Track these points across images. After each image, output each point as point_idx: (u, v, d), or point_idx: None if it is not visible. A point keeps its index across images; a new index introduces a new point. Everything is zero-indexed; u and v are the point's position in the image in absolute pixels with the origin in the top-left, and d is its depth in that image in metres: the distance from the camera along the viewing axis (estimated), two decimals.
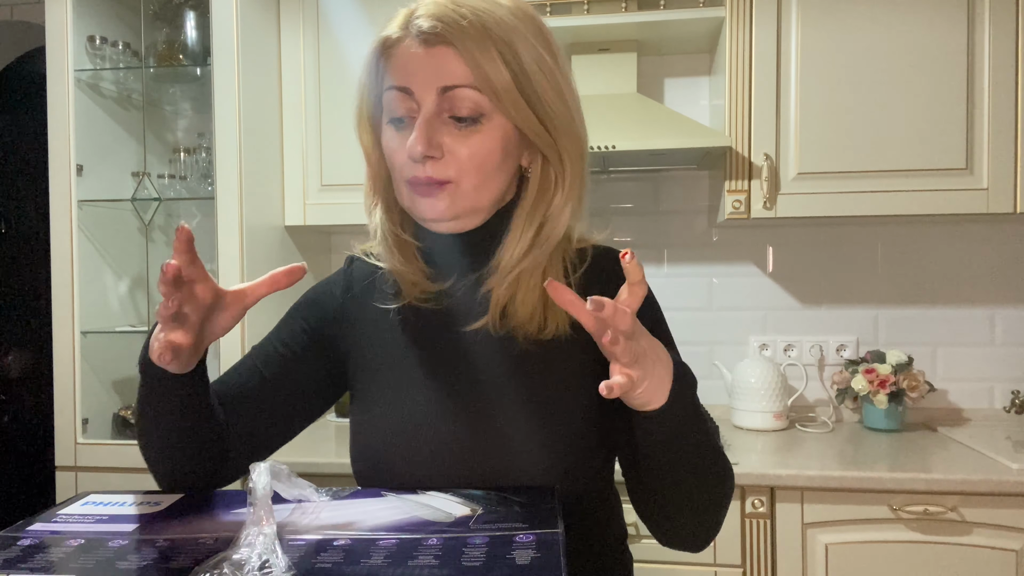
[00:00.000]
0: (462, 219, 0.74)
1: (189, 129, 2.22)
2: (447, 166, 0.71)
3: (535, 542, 0.60)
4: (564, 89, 0.74)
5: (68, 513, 0.70)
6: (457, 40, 0.68)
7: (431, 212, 0.72)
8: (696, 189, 2.14)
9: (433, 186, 0.71)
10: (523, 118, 0.71)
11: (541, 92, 0.72)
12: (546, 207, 0.75)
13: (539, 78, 0.71)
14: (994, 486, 1.48)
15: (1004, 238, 2.03)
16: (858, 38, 1.76)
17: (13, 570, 0.56)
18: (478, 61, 0.68)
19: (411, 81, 0.70)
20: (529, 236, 0.74)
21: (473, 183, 0.72)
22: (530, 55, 0.71)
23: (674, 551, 1.60)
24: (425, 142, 0.69)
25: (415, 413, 0.77)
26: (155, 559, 0.57)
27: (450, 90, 0.69)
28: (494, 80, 0.69)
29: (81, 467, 1.82)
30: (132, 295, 2.05)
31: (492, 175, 0.73)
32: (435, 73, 0.69)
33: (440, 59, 0.69)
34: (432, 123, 0.70)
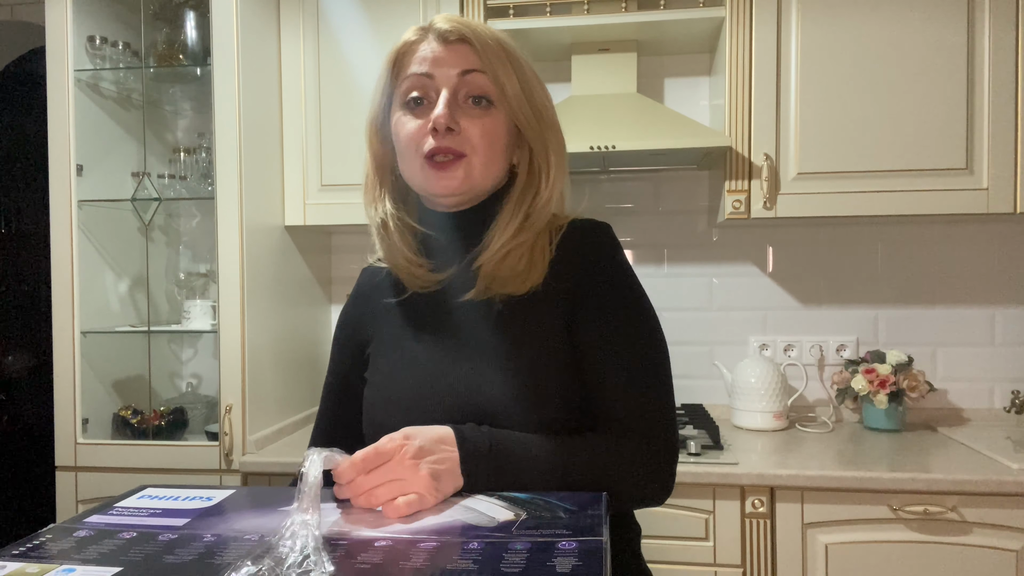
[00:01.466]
0: (464, 196, 0.85)
1: (189, 129, 2.23)
2: (463, 141, 0.81)
3: (577, 550, 0.59)
4: (548, 99, 0.88)
5: (124, 506, 0.72)
6: (473, 39, 0.81)
7: (445, 186, 0.82)
8: (696, 189, 2.14)
9: (450, 159, 0.81)
10: (522, 111, 0.84)
11: (535, 93, 0.85)
12: (533, 194, 0.86)
13: (533, 83, 0.85)
14: (994, 486, 1.48)
15: (1004, 238, 2.03)
16: (858, 38, 1.76)
17: (67, 560, 0.58)
18: (490, 58, 0.81)
19: (432, 67, 0.82)
20: (518, 220, 0.84)
21: (483, 160, 0.82)
22: (524, 66, 0.85)
23: (674, 550, 1.61)
24: (447, 114, 0.80)
25: (408, 376, 0.85)
26: (200, 554, 0.59)
27: (469, 73, 0.81)
28: (502, 76, 0.82)
29: (81, 467, 1.82)
30: (132, 295, 2.05)
31: (497, 156, 0.84)
32: (456, 61, 0.81)
33: (460, 51, 0.82)
34: (453, 101, 0.81)
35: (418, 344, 0.86)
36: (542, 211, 0.85)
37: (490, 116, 0.82)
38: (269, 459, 1.73)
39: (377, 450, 0.68)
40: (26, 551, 0.60)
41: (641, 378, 0.80)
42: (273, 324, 1.92)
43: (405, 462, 0.68)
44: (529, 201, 0.85)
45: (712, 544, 1.58)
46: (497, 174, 0.86)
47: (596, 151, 1.72)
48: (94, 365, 1.89)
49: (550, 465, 0.74)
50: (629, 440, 0.78)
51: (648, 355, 0.82)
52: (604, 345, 0.81)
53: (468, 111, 0.82)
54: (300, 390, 2.07)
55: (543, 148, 0.86)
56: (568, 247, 0.85)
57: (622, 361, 0.80)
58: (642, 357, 0.81)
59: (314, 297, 2.19)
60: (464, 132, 0.81)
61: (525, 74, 0.84)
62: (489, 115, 0.82)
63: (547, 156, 0.86)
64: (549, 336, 0.82)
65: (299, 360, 2.07)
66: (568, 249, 0.85)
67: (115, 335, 1.96)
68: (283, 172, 1.98)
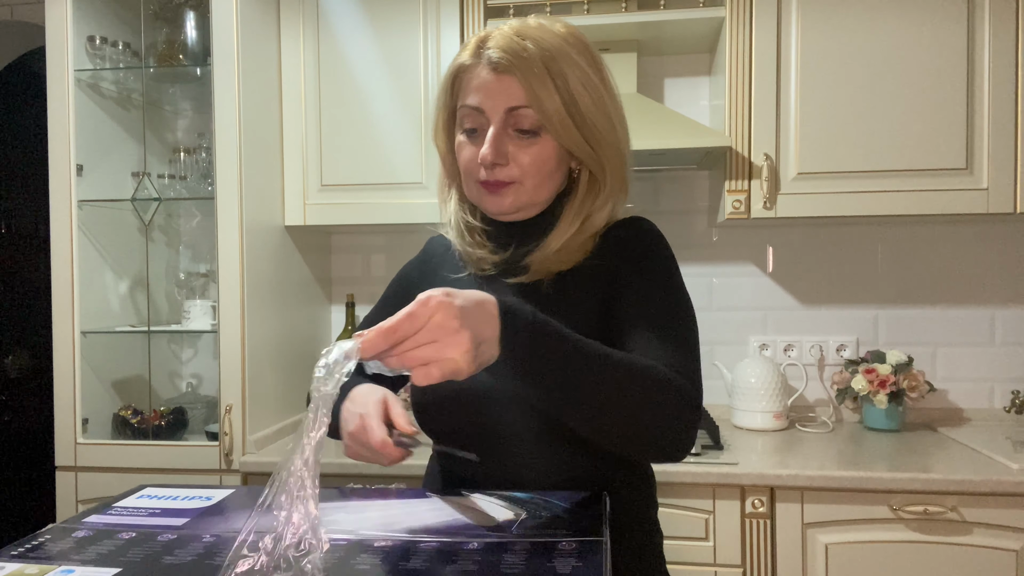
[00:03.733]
0: (521, 212, 0.91)
1: (189, 129, 2.22)
2: (511, 170, 0.87)
3: (577, 550, 0.59)
4: (608, 104, 0.89)
5: (123, 506, 0.72)
6: (519, 71, 0.84)
7: (496, 207, 0.90)
8: (696, 189, 2.14)
9: (499, 186, 0.88)
10: (569, 138, 0.87)
11: (586, 112, 0.86)
12: (590, 205, 0.91)
13: (585, 100, 0.86)
14: (994, 486, 1.48)
15: (1004, 238, 2.03)
16: (858, 38, 1.76)
17: (66, 561, 0.58)
18: (535, 90, 0.84)
19: (483, 102, 0.86)
20: (574, 228, 0.90)
21: (534, 183, 0.88)
22: (577, 78, 0.86)
23: (674, 550, 1.61)
24: (494, 151, 0.86)
25: None
26: (199, 555, 0.58)
27: (515, 110, 0.85)
28: (548, 107, 0.84)
29: (81, 467, 1.82)
30: (132, 295, 2.05)
31: (549, 176, 0.89)
32: (503, 96, 0.85)
33: (507, 85, 0.85)
34: (500, 136, 0.86)
35: None
36: (598, 216, 0.91)
37: (537, 144, 0.87)
38: (269, 459, 1.73)
39: (411, 315, 0.60)
40: (25, 552, 0.60)
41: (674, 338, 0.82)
42: (273, 324, 1.92)
43: (447, 322, 0.60)
44: (587, 209, 0.91)
45: (712, 544, 1.58)
46: (551, 191, 0.91)
47: None
48: (94, 365, 1.89)
49: (593, 354, 0.70)
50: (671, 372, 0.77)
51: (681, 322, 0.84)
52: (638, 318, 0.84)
53: (516, 141, 0.87)
54: (300, 390, 2.07)
55: (598, 167, 0.90)
56: (612, 237, 0.91)
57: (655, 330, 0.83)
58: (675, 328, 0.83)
59: (314, 297, 2.19)
60: (513, 161, 0.87)
61: (573, 96, 0.85)
62: (536, 143, 0.87)
63: (602, 170, 0.90)
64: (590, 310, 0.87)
65: (299, 360, 2.07)
66: (613, 239, 0.91)
67: (115, 335, 1.96)
68: (283, 172, 1.98)
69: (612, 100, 0.90)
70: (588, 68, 0.87)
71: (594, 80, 0.88)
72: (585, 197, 0.91)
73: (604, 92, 0.89)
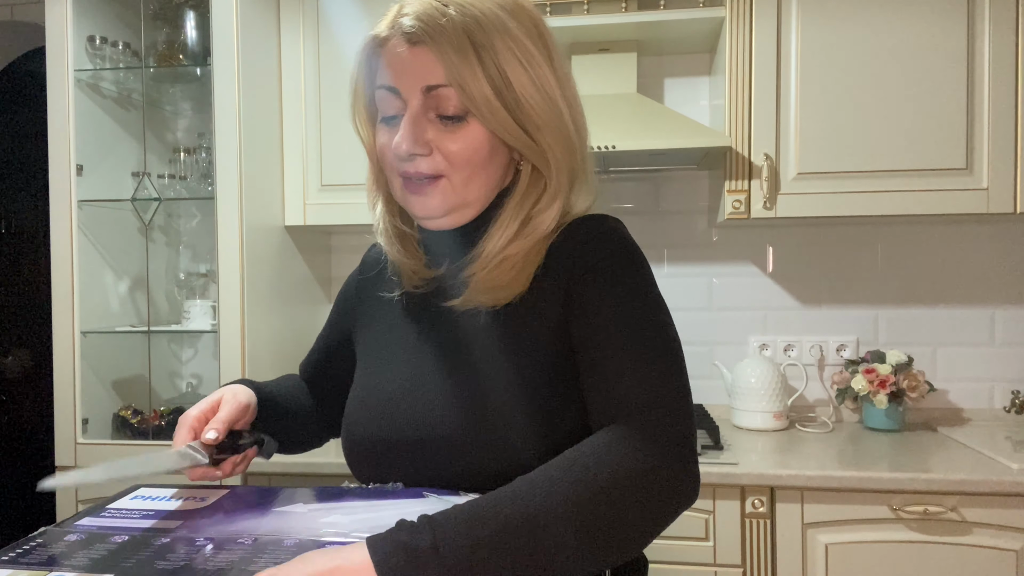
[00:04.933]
0: (453, 214, 0.76)
1: (189, 129, 2.22)
2: (436, 161, 0.73)
3: None
4: (552, 86, 0.74)
5: (117, 507, 0.71)
6: (434, 42, 0.70)
7: (423, 210, 0.75)
8: (696, 189, 2.14)
9: (424, 182, 0.74)
10: (500, 123, 0.72)
11: (522, 95, 0.72)
12: (533, 203, 0.76)
13: (521, 79, 0.71)
14: (994, 486, 1.48)
15: (1004, 238, 2.03)
16: (858, 38, 1.75)
17: (56, 567, 0.57)
18: (455, 65, 0.69)
19: (397, 81, 0.72)
20: (514, 228, 0.75)
21: (463, 177, 0.74)
22: (513, 54, 0.71)
23: (674, 550, 1.61)
24: (411, 140, 0.71)
25: (383, 383, 0.80)
26: (193, 558, 0.58)
27: (434, 89, 0.71)
28: (471, 86, 0.70)
29: (81, 467, 1.82)
30: (132, 295, 2.05)
31: (481, 168, 0.74)
32: (419, 73, 0.71)
33: (422, 59, 0.71)
34: (418, 121, 0.72)
35: (398, 348, 0.81)
36: (543, 216, 0.75)
37: (464, 130, 0.72)
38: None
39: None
40: (16, 556, 0.59)
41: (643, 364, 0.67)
42: (273, 324, 1.92)
43: None
44: (528, 208, 0.76)
45: (712, 544, 1.58)
46: (486, 187, 0.76)
47: (596, 151, 1.72)
48: (94, 365, 1.89)
49: (534, 518, 0.57)
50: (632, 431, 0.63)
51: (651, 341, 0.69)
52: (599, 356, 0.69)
53: (439, 126, 0.72)
54: None
55: (539, 158, 0.75)
56: (562, 246, 0.75)
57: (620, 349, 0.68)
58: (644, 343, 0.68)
59: (314, 297, 2.19)
60: (436, 150, 0.73)
61: (506, 75, 0.71)
62: (463, 129, 0.72)
63: (546, 164, 0.75)
64: (535, 348, 0.72)
65: (299, 360, 2.06)
66: (562, 247, 0.75)
67: (115, 335, 1.96)
68: (283, 172, 1.98)
69: (560, 80, 0.75)
70: (527, 40, 0.72)
71: (535, 54, 0.72)
72: (526, 193, 0.76)
73: (548, 69, 0.74)
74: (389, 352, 0.82)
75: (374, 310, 0.88)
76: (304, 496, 0.72)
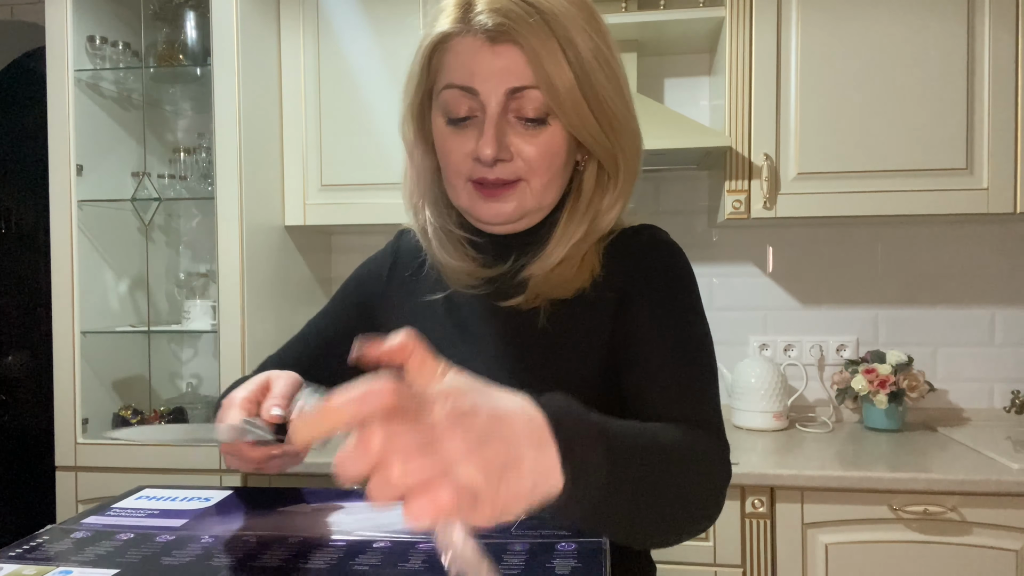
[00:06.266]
0: (524, 219, 0.75)
1: (189, 129, 2.22)
2: (516, 166, 0.70)
3: (577, 551, 0.59)
4: (624, 83, 0.73)
5: (122, 507, 0.71)
6: (523, 39, 0.66)
7: (496, 216, 0.72)
8: (696, 189, 2.14)
9: (501, 187, 0.71)
10: (583, 124, 0.70)
11: (600, 91, 0.70)
12: (597, 206, 0.75)
13: (598, 75, 0.69)
14: (994, 486, 1.48)
15: (1004, 238, 2.03)
16: (858, 38, 1.76)
17: (64, 562, 0.58)
18: (544, 64, 0.66)
19: (476, 81, 0.68)
20: (580, 233, 0.74)
21: (543, 181, 0.71)
22: (589, 48, 0.69)
23: (674, 550, 1.61)
24: (495, 145, 0.68)
25: None
26: (197, 556, 0.58)
27: (519, 91, 0.68)
28: (558, 84, 0.67)
29: (81, 467, 1.82)
30: (132, 295, 2.05)
31: (559, 172, 0.73)
32: (502, 73, 0.67)
33: (507, 58, 0.67)
34: (501, 125, 0.69)
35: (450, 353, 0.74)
36: (605, 218, 0.75)
37: (544, 133, 0.69)
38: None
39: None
40: (23, 552, 0.60)
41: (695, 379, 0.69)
42: (273, 324, 1.92)
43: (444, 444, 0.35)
44: (596, 209, 0.75)
45: (712, 544, 1.58)
46: (559, 189, 0.75)
47: None
48: (94, 365, 1.89)
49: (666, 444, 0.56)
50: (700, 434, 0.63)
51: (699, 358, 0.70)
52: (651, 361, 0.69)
53: (519, 129, 0.70)
54: None
55: (610, 158, 0.74)
56: (619, 251, 0.76)
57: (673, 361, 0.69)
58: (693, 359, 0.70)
59: (314, 297, 2.19)
60: (517, 154, 0.70)
61: (587, 70, 0.68)
62: (543, 132, 0.69)
63: (615, 163, 0.74)
64: (593, 348, 0.72)
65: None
66: (620, 253, 0.76)
67: (115, 335, 1.96)
68: (283, 172, 1.98)
69: (625, 78, 0.74)
70: (598, 39, 0.70)
71: (605, 53, 0.71)
72: (592, 196, 0.75)
73: (617, 68, 0.72)
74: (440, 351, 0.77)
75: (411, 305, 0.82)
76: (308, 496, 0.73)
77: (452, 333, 0.79)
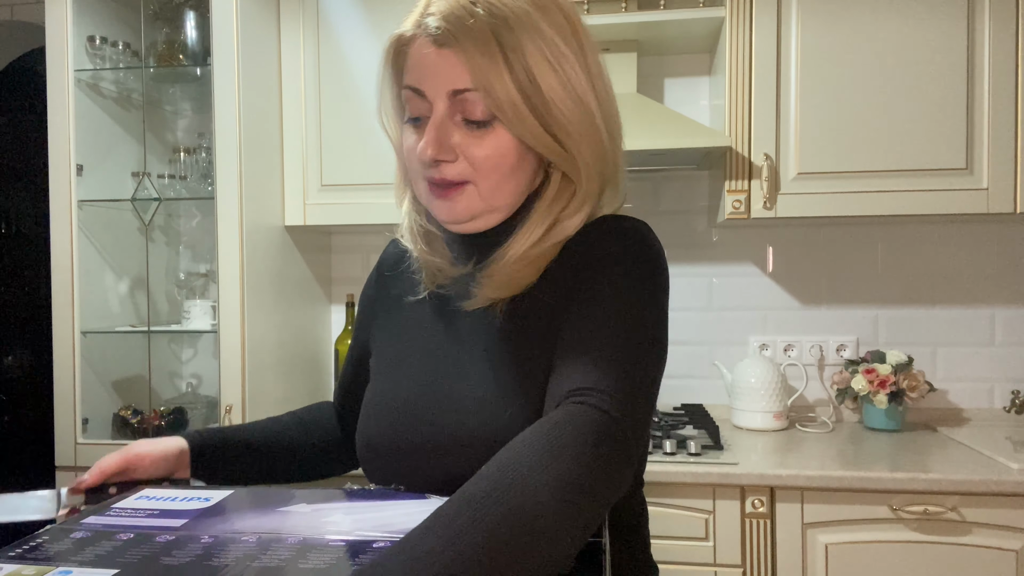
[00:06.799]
0: (479, 219, 0.75)
1: (189, 129, 2.22)
2: (462, 167, 0.71)
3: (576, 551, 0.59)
4: (584, 88, 0.72)
5: (122, 507, 0.71)
6: (461, 44, 0.67)
7: (448, 215, 0.73)
8: (696, 189, 2.14)
9: (450, 188, 0.72)
10: (528, 130, 0.69)
11: (551, 98, 0.69)
12: (560, 209, 0.74)
13: (549, 82, 0.69)
14: (994, 486, 1.48)
15: (1004, 238, 2.03)
16: (858, 38, 1.76)
17: (64, 562, 0.58)
18: (482, 69, 0.67)
19: (423, 83, 0.70)
20: (539, 233, 0.73)
21: (490, 184, 0.71)
22: (543, 55, 0.68)
23: (674, 550, 1.61)
24: (436, 146, 0.69)
25: (398, 386, 0.79)
26: (197, 556, 0.58)
27: (460, 93, 0.69)
28: (497, 91, 0.67)
29: (81, 467, 1.82)
30: (132, 295, 2.05)
31: (509, 174, 0.72)
32: (444, 76, 0.69)
33: (449, 61, 0.68)
34: (444, 126, 0.70)
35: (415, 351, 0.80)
36: (568, 222, 0.74)
37: (491, 135, 0.70)
38: None
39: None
40: (23, 552, 0.60)
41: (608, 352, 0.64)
42: (273, 324, 1.92)
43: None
44: (556, 213, 0.74)
45: (712, 544, 1.58)
46: (513, 193, 0.74)
47: None
48: (94, 365, 1.89)
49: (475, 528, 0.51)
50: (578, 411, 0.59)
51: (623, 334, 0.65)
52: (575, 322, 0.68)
53: (465, 131, 0.70)
54: (300, 390, 2.07)
55: (566, 161, 0.72)
56: (578, 240, 0.74)
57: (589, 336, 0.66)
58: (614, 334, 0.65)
59: (314, 297, 2.19)
60: (463, 156, 0.70)
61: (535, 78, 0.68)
62: (489, 134, 0.70)
63: (574, 168, 0.73)
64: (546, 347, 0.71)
65: (299, 360, 2.07)
66: (578, 242, 0.74)
67: (115, 335, 1.96)
68: (283, 172, 1.98)
69: (593, 79, 0.73)
70: (559, 38, 0.70)
71: (566, 54, 0.70)
72: (555, 199, 0.74)
73: (580, 69, 0.71)
74: (405, 355, 0.81)
75: (392, 311, 0.86)
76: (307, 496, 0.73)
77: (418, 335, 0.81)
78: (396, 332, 0.84)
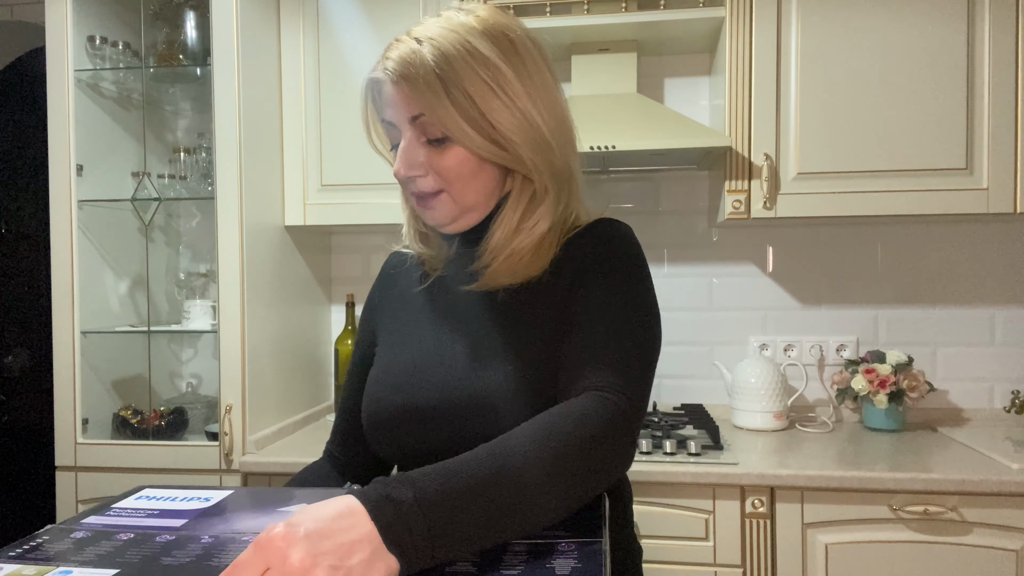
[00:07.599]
0: (460, 220, 0.87)
1: (189, 129, 2.22)
2: (431, 180, 0.83)
3: (576, 551, 0.59)
4: (524, 102, 0.81)
5: (122, 507, 0.71)
6: (409, 81, 0.79)
7: (433, 220, 0.87)
8: (696, 189, 2.14)
9: (428, 198, 0.84)
10: (475, 144, 0.80)
11: (492, 117, 0.79)
12: (527, 203, 0.85)
13: (491, 103, 0.79)
14: (994, 486, 1.48)
15: (1004, 238, 2.03)
16: (858, 38, 1.76)
17: (64, 562, 0.58)
18: (427, 99, 0.78)
19: (389, 114, 0.83)
20: (512, 224, 0.84)
21: (458, 189, 0.83)
22: (481, 79, 0.79)
23: (674, 550, 1.61)
24: (407, 166, 0.82)
25: (404, 354, 0.88)
26: (197, 556, 0.58)
27: (417, 118, 0.80)
28: (442, 116, 0.79)
29: (81, 467, 1.82)
30: (132, 295, 2.05)
31: (472, 178, 0.83)
32: (402, 107, 0.81)
33: (403, 95, 0.81)
34: (411, 148, 0.82)
35: (420, 326, 0.90)
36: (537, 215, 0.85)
37: (450, 150, 0.81)
38: (269, 459, 1.73)
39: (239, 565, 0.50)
40: (23, 552, 0.60)
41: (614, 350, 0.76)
42: (273, 324, 1.92)
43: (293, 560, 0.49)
44: (523, 207, 0.85)
45: (712, 544, 1.58)
46: (483, 192, 0.85)
47: (596, 151, 1.72)
48: (94, 365, 1.89)
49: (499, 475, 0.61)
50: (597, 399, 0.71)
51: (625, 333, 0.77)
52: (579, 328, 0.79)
53: (429, 149, 0.82)
54: (300, 390, 2.07)
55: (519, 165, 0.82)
56: (579, 242, 0.85)
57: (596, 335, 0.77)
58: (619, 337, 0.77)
59: (314, 297, 2.19)
60: (432, 170, 0.82)
61: (473, 99, 0.78)
62: (449, 149, 0.81)
63: (527, 169, 0.83)
64: (546, 325, 0.82)
65: (299, 360, 2.07)
66: (579, 243, 0.85)
67: (115, 335, 1.96)
68: (283, 172, 1.98)
69: (536, 91, 0.82)
70: (499, 59, 0.80)
71: (505, 73, 0.79)
72: (519, 198, 0.85)
73: (519, 87, 0.80)
74: (410, 329, 0.91)
75: (395, 302, 0.96)
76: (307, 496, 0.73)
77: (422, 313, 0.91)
78: (400, 316, 0.94)
